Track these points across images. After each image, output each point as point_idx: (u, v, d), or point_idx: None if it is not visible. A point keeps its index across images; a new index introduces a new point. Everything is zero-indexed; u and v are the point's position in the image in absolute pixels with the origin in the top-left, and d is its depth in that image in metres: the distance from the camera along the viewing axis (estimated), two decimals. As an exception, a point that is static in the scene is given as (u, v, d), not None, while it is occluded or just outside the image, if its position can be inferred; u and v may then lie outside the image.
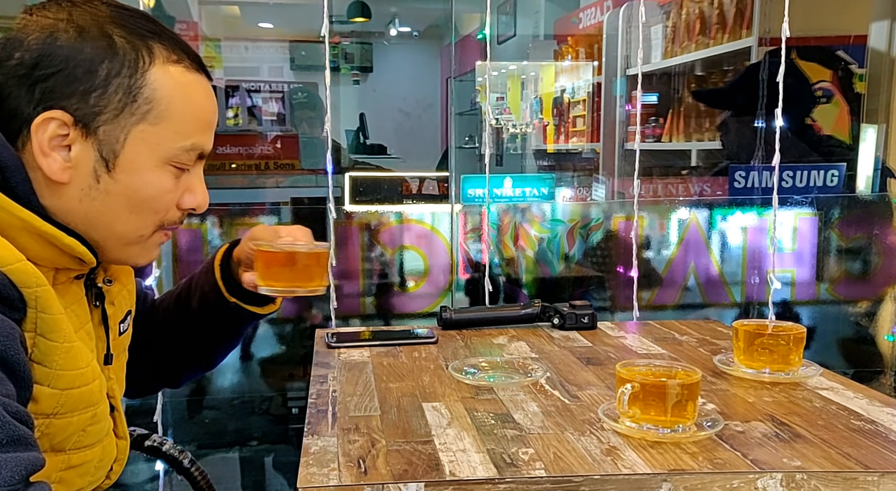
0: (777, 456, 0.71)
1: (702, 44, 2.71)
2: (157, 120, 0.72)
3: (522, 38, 5.16)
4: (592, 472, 0.68)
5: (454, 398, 0.87)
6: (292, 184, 3.39)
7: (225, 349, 1.02)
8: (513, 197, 2.52)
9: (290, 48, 6.14)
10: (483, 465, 0.68)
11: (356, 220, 2.82)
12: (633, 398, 0.77)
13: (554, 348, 1.12)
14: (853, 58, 2.26)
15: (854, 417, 0.81)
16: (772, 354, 0.95)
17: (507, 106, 5.45)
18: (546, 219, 2.67)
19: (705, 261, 2.39)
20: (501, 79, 5.42)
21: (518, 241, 2.52)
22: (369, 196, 4.20)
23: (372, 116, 5.88)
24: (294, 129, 5.00)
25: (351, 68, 5.95)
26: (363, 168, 5.29)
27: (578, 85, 4.13)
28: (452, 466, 0.67)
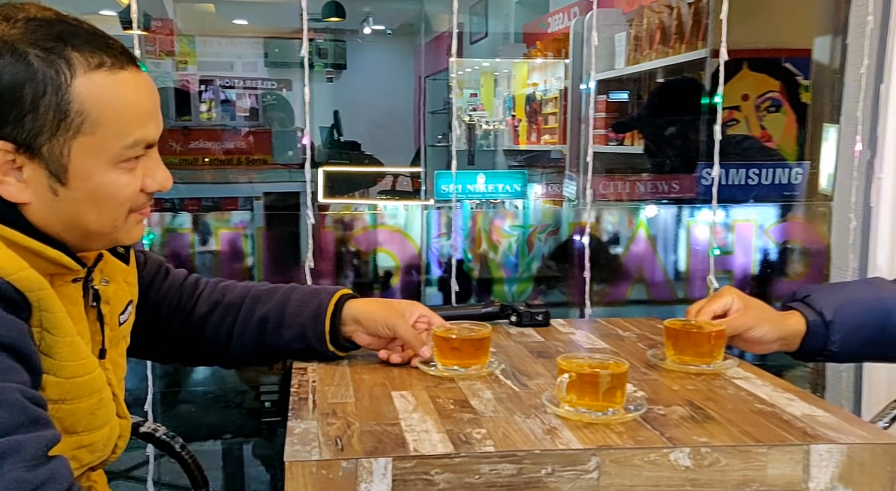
0: (689, 434, 0.84)
1: (661, 53, 2.86)
2: (93, 129, 0.75)
3: (494, 37, 5.28)
4: (534, 447, 0.81)
5: (419, 387, 0.99)
6: (265, 179, 3.44)
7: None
8: (485, 193, 2.60)
9: (264, 44, 6.18)
10: (442, 443, 0.81)
11: (329, 215, 2.90)
12: (571, 386, 0.90)
13: (510, 343, 1.24)
14: (799, 70, 2.42)
15: (758, 402, 0.95)
16: (697, 349, 1.08)
17: (480, 103, 5.55)
18: (518, 216, 2.79)
19: (672, 258, 2.53)
20: (474, 76, 5.53)
21: (491, 237, 2.62)
22: (343, 191, 4.28)
23: (346, 114, 5.95)
24: (267, 124, 5.04)
25: (325, 66, 6.01)
26: (336, 163, 5.36)
27: (551, 83, 4.25)
28: (416, 444, 0.80)
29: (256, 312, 1.06)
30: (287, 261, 2.54)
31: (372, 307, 1.06)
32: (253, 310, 1.06)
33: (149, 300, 1.03)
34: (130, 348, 0.96)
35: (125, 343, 0.94)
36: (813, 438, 0.82)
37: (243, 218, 3.03)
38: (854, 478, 0.80)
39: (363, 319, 1.05)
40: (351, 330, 1.06)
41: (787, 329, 1.10)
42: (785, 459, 0.81)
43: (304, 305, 1.05)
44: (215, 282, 1.11)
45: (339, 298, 1.06)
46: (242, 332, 1.05)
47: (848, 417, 0.88)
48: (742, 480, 0.81)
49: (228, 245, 2.64)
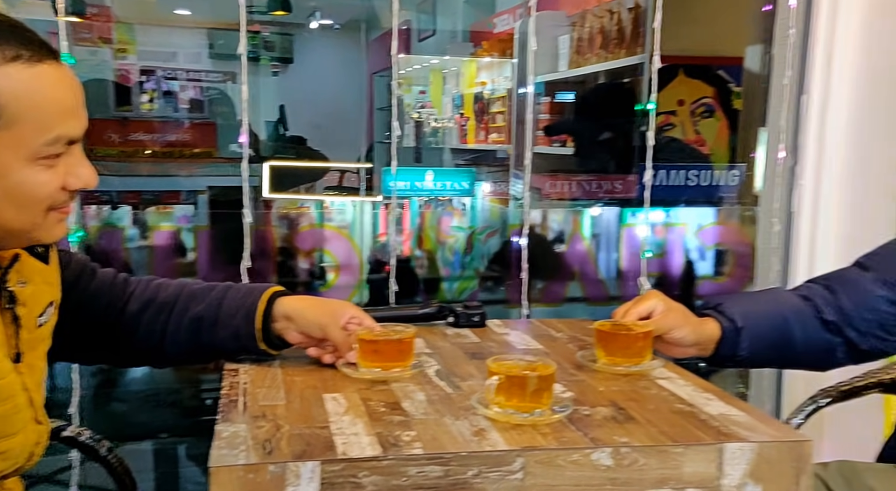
0: (610, 434, 0.87)
1: (602, 57, 2.92)
2: (9, 124, 0.73)
3: (442, 35, 5.29)
4: (461, 449, 0.82)
5: (352, 390, 1.00)
6: (210, 172, 3.38)
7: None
8: (434, 190, 2.60)
9: (208, 35, 6.04)
10: (371, 445, 0.82)
11: (274, 212, 2.86)
12: (499, 388, 0.92)
13: (446, 344, 1.26)
14: (732, 77, 2.51)
15: (678, 402, 0.98)
16: (626, 350, 1.11)
17: (428, 100, 5.56)
18: (465, 214, 2.80)
19: (610, 258, 2.59)
20: (423, 73, 5.52)
21: (439, 235, 2.63)
22: (288, 186, 4.22)
23: (292, 108, 5.87)
24: (212, 117, 4.94)
25: (271, 59, 5.93)
26: (282, 157, 5.28)
27: (499, 82, 4.28)
28: (345, 447, 0.80)
29: (190, 311, 1.05)
30: (231, 257, 2.51)
31: (304, 305, 1.06)
32: (187, 308, 1.05)
33: (74, 300, 1.00)
34: (54, 351, 0.94)
35: (45, 345, 0.92)
36: (726, 436, 0.86)
37: (186, 212, 2.98)
38: (763, 474, 0.85)
39: (295, 317, 1.05)
40: (282, 327, 1.05)
41: (704, 334, 1.15)
42: (700, 457, 0.84)
43: (237, 302, 1.05)
44: (147, 280, 1.09)
45: (271, 295, 1.06)
46: (176, 330, 1.05)
47: (760, 416, 0.93)
48: (659, 479, 0.84)
49: (169, 240, 2.59)
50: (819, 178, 1.81)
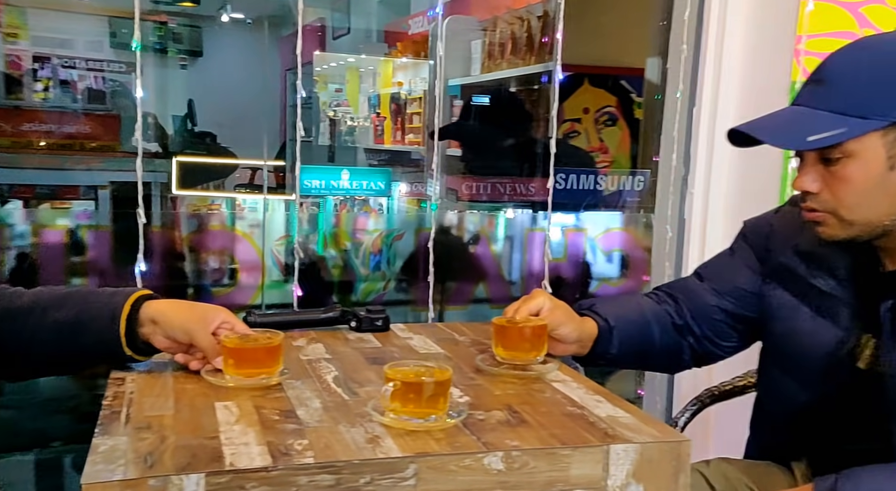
0: (503, 438, 0.89)
1: (513, 63, 2.97)
2: None
3: (357, 34, 5.25)
4: (354, 457, 0.82)
5: (245, 397, 0.98)
6: (112, 167, 3.23)
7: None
8: (349, 190, 2.58)
9: (109, 23, 5.77)
10: (261, 455, 0.80)
11: (182, 209, 2.76)
12: (395, 394, 0.92)
13: (347, 349, 1.25)
14: (633, 87, 2.61)
15: (570, 404, 1.01)
16: (523, 344, 1.14)
17: (345, 99, 5.50)
18: (382, 214, 2.79)
19: (525, 258, 2.64)
20: (340, 71, 5.46)
21: (354, 235, 2.61)
22: (197, 183, 4.07)
23: (202, 103, 5.69)
24: (115, 109, 4.73)
25: (179, 51, 5.72)
26: (192, 153, 5.11)
27: (416, 83, 4.28)
28: (233, 458, 0.78)
29: (50, 317, 1.01)
30: (131, 255, 2.40)
31: (171, 309, 1.03)
32: (45, 315, 1.01)
33: None
34: None
35: None
36: (612, 438, 0.90)
37: (87, 208, 2.84)
38: (645, 474, 0.88)
39: (160, 321, 1.01)
40: (148, 332, 1.02)
41: (585, 331, 1.21)
42: (587, 459, 0.87)
43: (101, 307, 1.01)
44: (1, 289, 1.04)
45: (136, 299, 1.02)
46: (36, 339, 1.00)
47: (645, 417, 0.97)
48: (548, 481, 0.86)
49: (61, 239, 2.45)
50: (708, 186, 1.91)
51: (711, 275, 1.28)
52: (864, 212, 0.99)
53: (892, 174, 0.96)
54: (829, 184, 0.99)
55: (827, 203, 1.00)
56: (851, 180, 0.97)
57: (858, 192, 0.97)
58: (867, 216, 0.99)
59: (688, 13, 1.84)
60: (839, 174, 0.97)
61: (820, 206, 1.01)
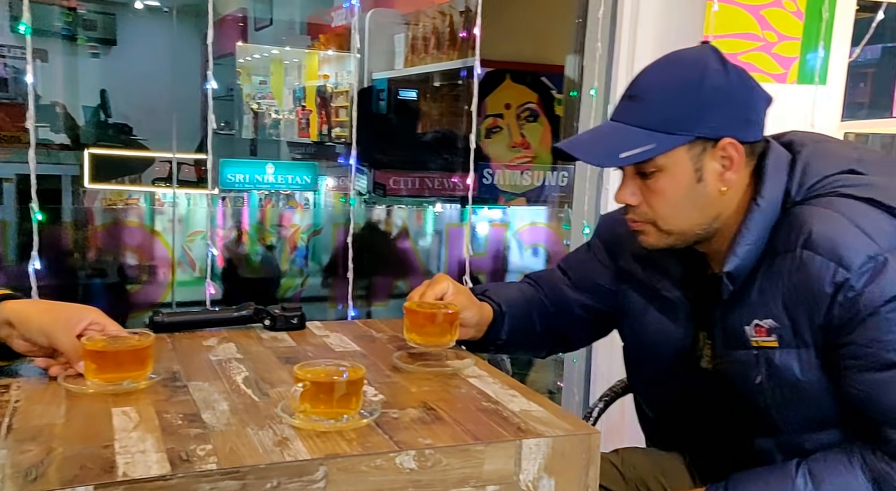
0: (416, 436, 0.88)
1: (436, 58, 2.97)
2: None
3: (279, 26, 5.13)
4: (260, 461, 0.79)
5: (147, 402, 0.93)
6: (16, 158, 3.06)
7: None
8: (275, 184, 2.52)
9: (10, 6, 5.46)
10: (159, 463, 0.76)
11: (96, 203, 2.63)
12: (305, 395, 0.89)
13: (260, 349, 1.21)
14: (554, 84, 2.65)
15: (485, 399, 1.01)
16: (435, 328, 1.13)
17: (269, 91, 5.37)
18: (308, 208, 2.73)
19: (447, 252, 2.63)
20: (264, 63, 5.33)
21: (278, 231, 2.54)
22: (113, 176, 3.90)
23: (116, 94, 5.46)
24: (21, 98, 4.49)
25: (89, 39, 5.46)
26: (106, 146, 4.90)
27: (342, 76, 4.22)
28: (127, 467, 0.74)
29: None
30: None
31: (30, 310, 0.97)
32: None
33: None
34: None
35: None
36: (525, 433, 0.90)
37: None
38: (556, 467, 0.89)
39: (17, 323, 0.95)
40: (5, 334, 0.96)
41: (483, 316, 1.22)
42: (500, 454, 0.87)
43: None
44: None
45: None
46: None
47: (557, 411, 0.98)
48: (461, 478, 0.86)
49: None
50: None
51: (572, 269, 1.31)
52: (678, 222, 1.03)
53: (699, 186, 1.01)
54: (646, 196, 1.03)
55: (646, 214, 1.04)
56: (664, 193, 1.01)
57: (671, 204, 1.01)
58: (681, 226, 1.03)
59: (602, 11, 1.87)
60: (654, 187, 1.02)
61: (640, 217, 1.05)
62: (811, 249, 0.93)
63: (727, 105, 0.98)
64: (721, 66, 1.00)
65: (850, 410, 0.94)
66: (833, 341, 0.93)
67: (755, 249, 0.99)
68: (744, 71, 1.03)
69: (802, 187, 1.00)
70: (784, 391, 0.98)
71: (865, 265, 0.89)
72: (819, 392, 0.96)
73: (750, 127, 1.01)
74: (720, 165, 1.00)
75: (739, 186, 1.02)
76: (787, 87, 1.86)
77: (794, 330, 0.95)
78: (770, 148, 1.03)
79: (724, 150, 0.99)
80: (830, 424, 0.97)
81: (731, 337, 1.03)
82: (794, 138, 1.07)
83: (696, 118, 0.98)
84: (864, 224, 0.92)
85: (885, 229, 0.92)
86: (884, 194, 0.95)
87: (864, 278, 0.89)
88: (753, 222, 0.99)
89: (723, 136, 0.99)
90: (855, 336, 0.91)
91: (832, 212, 0.95)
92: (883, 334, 0.89)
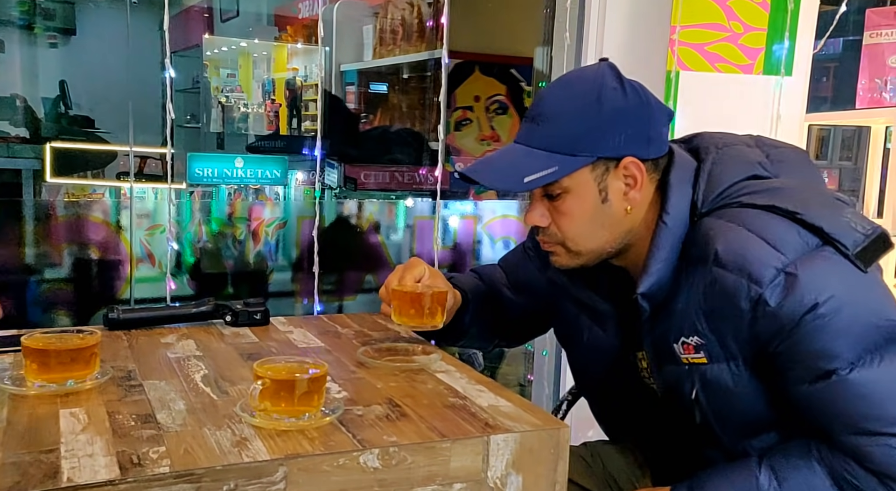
0: (380, 434, 0.85)
1: (404, 49, 2.93)
2: None
3: (246, 17, 5.04)
4: (216, 463, 0.76)
5: (98, 402, 0.89)
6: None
7: None
8: (244, 178, 2.48)
9: (-39, -4, 5.29)
10: (107, 467, 0.72)
11: (59, 198, 2.57)
12: (265, 393, 0.86)
13: (221, 345, 1.18)
14: (523, 76, 2.63)
15: (452, 395, 0.99)
16: (422, 309, 1.11)
17: (238, 84, 5.28)
18: (278, 202, 2.68)
19: (415, 246, 2.60)
20: (232, 56, 5.23)
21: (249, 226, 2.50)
22: (75, 171, 3.81)
23: (77, 86, 5.31)
24: (-28, 88, 4.36)
25: (48, 29, 5.31)
26: (68, 139, 4.77)
27: (311, 69, 4.15)
28: (72, 473, 0.71)
29: None
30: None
31: None
32: None
33: None
34: None
35: None
36: (493, 428, 0.88)
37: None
38: (524, 464, 0.87)
39: None
40: None
41: (456, 300, 1.21)
42: (467, 451, 0.85)
43: None
44: None
45: None
46: None
47: (525, 405, 0.96)
48: (427, 476, 0.83)
49: None
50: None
51: (508, 270, 1.31)
52: (587, 243, 1.02)
53: (605, 207, 1.00)
54: (555, 218, 1.02)
55: (555, 236, 1.03)
56: (571, 214, 1.00)
57: (579, 225, 1.01)
58: (590, 246, 1.02)
59: (570, 2, 1.85)
60: (561, 209, 1.01)
61: (550, 239, 1.04)
62: (721, 267, 0.92)
63: (626, 124, 0.97)
64: (618, 84, 0.99)
65: (797, 416, 0.93)
66: (762, 354, 0.92)
67: (668, 266, 0.98)
68: (642, 88, 1.01)
69: (708, 198, 0.99)
70: (720, 403, 0.96)
71: (776, 278, 0.88)
72: (754, 400, 0.95)
73: (651, 144, 1.00)
74: (624, 184, 0.99)
75: (645, 203, 1.01)
76: (754, 78, 1.86)
77: (721, 344, 0.94)
78: (674, 160, 1.02)
79: (626, 170, 0.99)
80: (769, 428, 0.97)
81: (660, 353, 1.01)
82: (700, 143, 1.06)
83: (596, 139, 0.97)
84: (768, 235, 0.91)
85: (789, 238, 0.90)
86: (784, 199, 0.94)
87: (778, 292, 0.88)
88: (663, 240, 0.98)
89: (625, 156, 0.98)
90: (783, 350, 0.89)
91: (735, 225, 0.93)
92: (810, 345, 0.87)
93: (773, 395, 0.95)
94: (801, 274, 0.88)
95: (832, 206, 0.94)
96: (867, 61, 2.12)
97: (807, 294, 0.87)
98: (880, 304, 0.90)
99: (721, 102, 1.85)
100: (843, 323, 0.87)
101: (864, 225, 0.91)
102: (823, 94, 3.96)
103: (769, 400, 0.95)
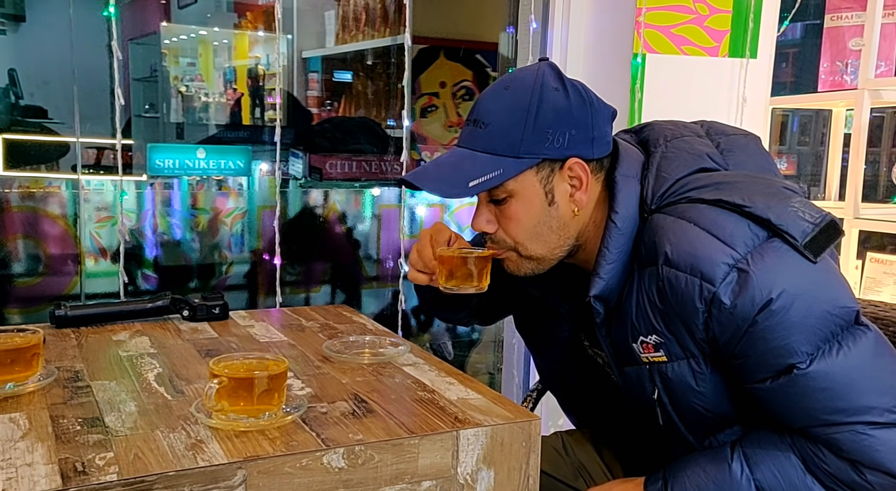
0: (345, 432, 0.81)
1: (368, 35, 2.87)
2: None
3: (205, 4, 4.91)
4: (168, 469, 0.71)
5: (41, 406, 0.83)
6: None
7: None
8: (207, 169, 2.39)
9: None
10: (48, 477, 0.67)
11: (12, 191, 2.48)
12: (222, 392, 0.81)
13: (177, 342, 1.12)
14: (488, 61, 2.58)
15: (421, 389, 0.95)
16: (469, 272, 1.04)
17: (199, 73, 5.15)
18: (242, 193, 2.61)
19: (380, 235, 2.56)
20: (192, 44, 5.10)
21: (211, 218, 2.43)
22: (28, 163, 3.68)
23: (28, 75, 5.13)
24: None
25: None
26: (21, 131, 4.61)
27: (274, 57, 4.06)
28: (8, 484, 0.65)
29: None
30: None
31: None
32: None
33: None
34: None
35: None
36: (462, 423, 0.84)
37: None
38: (496, 458, 0.84)
39: None
40: None
41: None
42: (436, 447, 0.81)
43: None
44: None
45: None
46: None
47: (495, 397, 0.92)
48: (395, 475, 0.80)
49: None
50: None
51: None
52: (537, 247, 0.99)
53: (552, 209, 0.98)
54: (502, 223, 1.00)
55: (504, 242, 1.01)
56: (518, 218, 0.98)
57: (527, 229, 0.98)
58: (541, 251, 1.00)
59: (535, -15, 1.81)
60: (507, 213, 0.98)
61: (499, 245, 1.01)
62: (672, 266, 0.89)
63: (569, 125, 0.95)
64: (560, 84, 0.96)
65: (762, 412, 0.92)
66: (721, 353, 0.90)
67: (619, 266, 0.96)
68: (584, 87, 0.99)
69: (656, 194, 0.96)
70: (682, 402, 0.95)
71: (728, 275, 0.86)
72: (717, 397, 0.93)
73: (595, 144, 0.97)
74: (569, 186, 0.97)
75: (592, 203, 0.99)
76: (719, 61, 1.85)
77: (679, 343, 0.92)
78: (620, 156, 0.99)
79: (571, 171, 0.96)
80: (734, 422, 0.95)
81: (620, 353, 0.99)
82: (650, 135, 1.03)
83: (538, 140, 0.94)
84: (717, 231, 0.88)
85: (739, 232, 0.88)
86: (732, 192, 0.91)
87: (730, 290, 0.86)
88: (613, 241, 0.95)
89: (569, 157, 0.96)
90: (742, 349, 0.87)
91: (684, 222, 0.91)
92: (768, 343, 0.86)
93: (736, 391, 0.93)
94: (753, 270, 0.86)
95: (779, 196, 0.92)
96: (828, 44, 2.12)
97: (759, 291, 0.85)
98: (833, 292, 0.88)
99: (688, 85, 1.83)
100: (797, 317, 0.85)
101: (813, 214, 0.89)
102: (784, 79, 3.98)
103: (732, 396, 0.94)
